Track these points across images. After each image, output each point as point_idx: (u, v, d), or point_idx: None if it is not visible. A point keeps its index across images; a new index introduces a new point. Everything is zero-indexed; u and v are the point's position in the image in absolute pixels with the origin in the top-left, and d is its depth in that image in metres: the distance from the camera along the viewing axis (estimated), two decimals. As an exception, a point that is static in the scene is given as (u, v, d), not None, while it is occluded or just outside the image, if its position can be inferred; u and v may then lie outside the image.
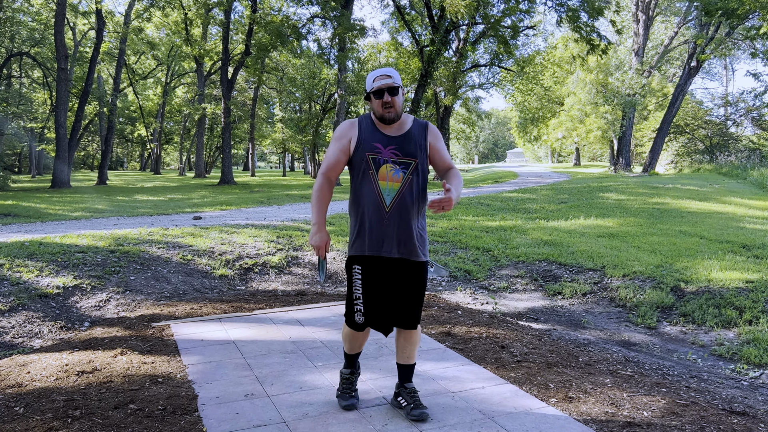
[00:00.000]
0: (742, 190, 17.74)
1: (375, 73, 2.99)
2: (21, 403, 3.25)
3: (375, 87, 2.93)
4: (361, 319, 3.02)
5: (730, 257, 7.50)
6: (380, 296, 3.00)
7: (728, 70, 52.17)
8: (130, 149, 66.23)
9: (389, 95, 2.92)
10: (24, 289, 5.57)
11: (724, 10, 21.76)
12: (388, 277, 2.98)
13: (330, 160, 3.03)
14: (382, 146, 2.95)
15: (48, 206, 14.79)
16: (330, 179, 3.05)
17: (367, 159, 2.93)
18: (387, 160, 2.92)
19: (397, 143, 2.95)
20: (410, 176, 2.93)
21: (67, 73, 23.97)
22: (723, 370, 4.42)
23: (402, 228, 2.92)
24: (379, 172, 2.92)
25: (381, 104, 2.93)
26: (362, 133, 2.98)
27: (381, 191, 2.91)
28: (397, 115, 2.95)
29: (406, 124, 3.03)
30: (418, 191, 2.96)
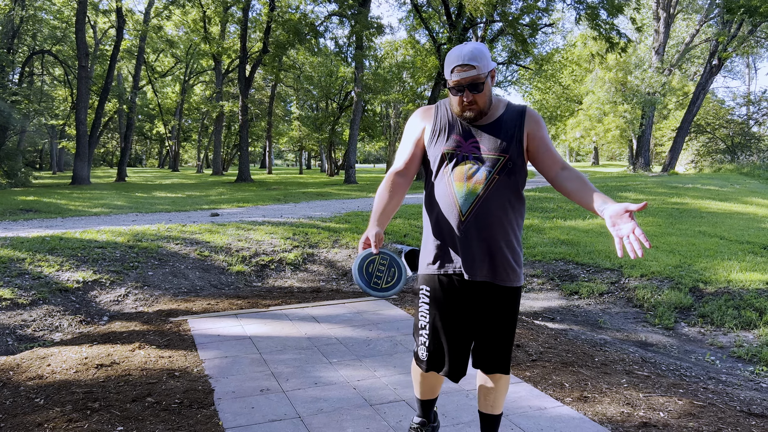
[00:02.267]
0: (764, 191, 17.47)
1: (453, 58, 2.22)
2: (41, 395, 3.31)
3: (452, 81, 2.23)
4: (425, 354, 2.37)
5: (751, 258, 7.40)
6: (453, 329, 2.33)
7: (751, 68, 51.36)
8: (148, 146, 66.89)
9: (471, 93, 2.22)
10: (45, 284, 5.66)
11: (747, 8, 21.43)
12: (464, 304, 2.33)
13: (400, 154, 2.42)
14: (462, 138, 2.30)
15: (68, 202, 15.00)
16: (400, 177, 2.34)
17: (442, 154, 2.30)
18: (467, 156, 2.27)
19: (482, 135, 2.30)
20: (497, 176, 2.24)
21: (88, 71, 24.27)
22: (742, 372, 4.36)
23: (483, 243, 2.26)
24: (455, 170, 2.28)
25: (460, 101, 2.26)
26: (438, 122, 2.36)
27: (456, 195, 2.26)
28: (480, 113, 2.27)
29: (496, 110, 2.34)
30: (509, 196, 2.27)
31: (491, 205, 2.25)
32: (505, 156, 2.25)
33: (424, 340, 2.37)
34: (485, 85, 2.22)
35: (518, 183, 2.29)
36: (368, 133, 40.38)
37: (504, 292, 2.31)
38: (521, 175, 2.29)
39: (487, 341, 2.35)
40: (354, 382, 3.56)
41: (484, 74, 2.20)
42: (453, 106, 2.30)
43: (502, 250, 2.27)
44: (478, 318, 2.34)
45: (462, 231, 2.26)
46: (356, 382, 3.54)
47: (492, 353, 2.36)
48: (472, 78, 2.19)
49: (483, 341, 2.36)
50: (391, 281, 2.19)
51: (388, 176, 2.34)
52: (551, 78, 37.88)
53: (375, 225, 2.20)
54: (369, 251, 2.16)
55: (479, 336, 2.36)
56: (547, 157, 2.30)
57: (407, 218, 10.37)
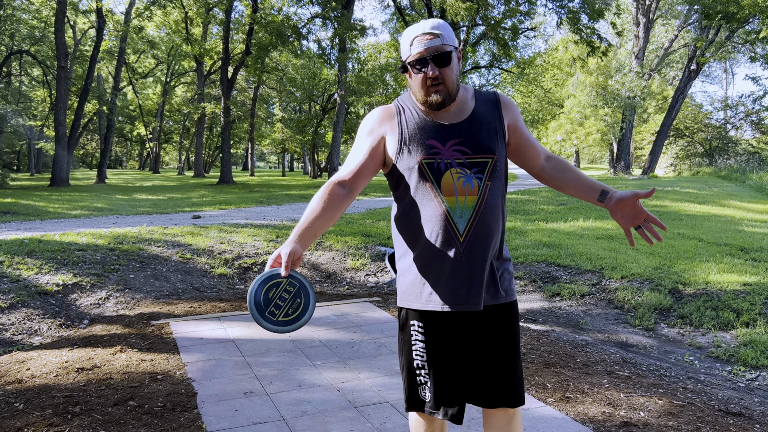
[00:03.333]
0: (741, 194, 17.78)
1: (412, 30, 1.86)
2: (21, 399, 3.26)
3: (413, 55, 1.82)
4: (428, 395, 1.95)
5: (728, 260, 7.52)
6: (455, 364, 1.95)
7: (728, 73, 52.28)
8: (129, 148, 66.22)
9: (435, 66, 1.80)
10: (24, 287, 5.58)
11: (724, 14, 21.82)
12: (465, 337, 1.94)
13: (348, 162, 1.97)
14: (438, 143, 1.87)
15: (47, 204, 14.80)
16: (343, 186, 1.91)
17: (420, 166, 1.86)
18: (451, 164, 1.85)
19: (462, 134, 1.87)
20: (489, 182, 1.86)
21: (67, 72, 23.99)
22: (720, 372, 4.43)
23: (485, 263, 1.87)
24: (442, 183, 1.85)
25: (422, 81, 1.83)
26: (405, 128, 1.91)
27: (450, 213, 1.85)
28: (449, 97, 1.84)
29: (465, 102, 1.92)
30: (501, 204, 1.93)
31: (489, 219, 1.87)
32: (493, 156, 1.88)
33: (424, 380, 1.96)
34: (452, 60, 1.83)
35: (504, 187, 1.96)
36: (351, 136, 40.36)
37: (503, 309, 1.96)
38: (504, 176, 1.97)
39: (495, 369, 1.93)
40: (338, 384, 3.56)
41: (450, 46, 1.82)
42: (415, 93, 1.88)
43: (504, 266, 1.98)
44: (478, 347, 1.94)
45: (462, 255, 1.85)
46: (340, 384, 3.55)
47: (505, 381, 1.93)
48: (437, 47, 1.80)
49: (490, 371, 1.94)
50: (292, 314, 1.72)
51: (328, 185, 1.89)
52: (533, 82, 38.20)
53: (294, 241, 1.75)
54: (276, 272, 1.71)
55: (480, 366, 1.94)
56: (530, 149, 2.00)
57: (390, 220, 10.39)
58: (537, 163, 2.02)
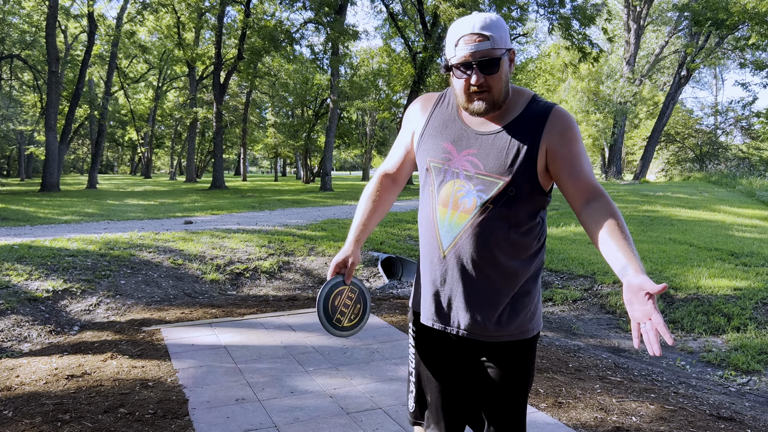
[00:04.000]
0: (732, 199, 17.90)
1: (460, 27, 1.63)
2: (10, 407, 3.23)
3: (457, 57, 1.62)
4: (412, 405, 1.92)
5: (719, 265, 7.56)
6: (438, 379, 1.84)
7: (718, 79, 52.66)
8: (120, 153, 65.96)
9: (481, 73, 1.60)
10: (13, 293, 5.53)
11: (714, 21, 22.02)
12: (451, 359, 1.83)
13: (392, 153, 1.95)
14: (454, 147, 1.71)
15: (37, 210, 14.70)
16: (388, 182, 1.93)
17: (428, 167, 1.76)
18: (457, 173, 1.69)
19: (483, 145, 1.68)
20: (490, 205, 1.65)
21: (58, 76, 23.88)
22: (711, 377, 4.45)
23: (468, 288, 1.71)
24: (441, 191, 1.72)
25: (466, 86, 1.64)
26: (432, 120, 1.79)
27: (438, 224, 1.72)
28: (493, 105, 1.65)
29: (512, 109, 1.70)
30: (506, 233, 1.67)
31: (479, 243, 1.67)
32: (506, 180, 1.64)
33: (411, 388, 1.92)
34: (501, 66, 1.62)
35: (523, 217, 1.68)
36: (344, 141, 40.42)
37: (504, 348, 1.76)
38: (530, 205, 1.68)
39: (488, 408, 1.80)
40: (330, 390, 3.54)
41: (501, 50, 1.61)
42: (457, 96, 1.70)
43: (495, 300, 1.71)
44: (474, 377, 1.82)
45: (442, 271, 1.74)
46: (333, 391, 3.53)
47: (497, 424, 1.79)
48: (484, 52, 1.58)
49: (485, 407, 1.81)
50: (354, 320, 1.82)
51: (376, 178, 1.92)
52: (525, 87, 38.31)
53: (352, 244, 1.80)
54: (339, 280, 1.77)
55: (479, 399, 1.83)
56: (570, 181, 1.64)
57: (383, 226, 10.38)
58: (577, 201, 1.65)
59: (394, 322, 5.17)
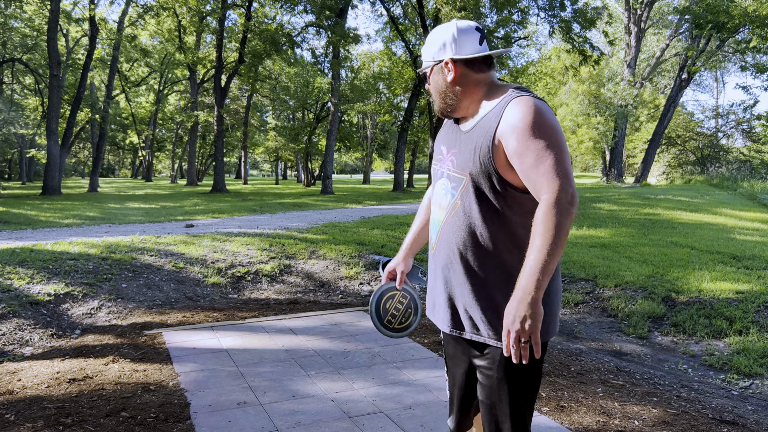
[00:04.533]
0: (733, 202, 17.88)
1: None
2: (12, 411, 3.23)
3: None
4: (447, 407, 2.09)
5: (721, 268, 7.55)
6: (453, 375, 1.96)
7: (719, 82, 52.68)
8: (121, 156, 66.05)
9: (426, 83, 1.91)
10: (14, 297, 5.53)
11: (715, 24, 22.02)
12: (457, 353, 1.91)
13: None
14: (446, 149, 1.87)
15: (39, 213, 14.71)
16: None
17: (431, 170, 1.98)
18: (443, 173, 1.85)
19: (461, 143, 1.80)
20: (459, 202, 1.75)
21: (60, 80, 23.92)
22: (713, 380, 4.44)
23: (447, 282, 1.80)
24: (435, 191, 1.90)
25: None
26: (442, 129, 1.99)
27: (431, 223, 1.90)
28: (444, 107, 1.84)
29: (487, 107, 1.76)
30: (477, 227, 1.70)
31: (451, 239, 1.76)
32: (466, 175, 1.72)
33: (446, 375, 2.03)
34: (429, 77, 1.87)
35: (491, 213, 1.69)
36: (345, 144, 40.45)
37: (477, 348, 1.78)
38: (499, 200, 1.68)
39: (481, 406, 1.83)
40: (332, 394, 3.54)
41: (428, 64, 1.85)
42: None
43: (470, 298, 1.73)
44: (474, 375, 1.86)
45: (432, 267, 1.88)
46: (334, 395, 3.53)
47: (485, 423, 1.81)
48: (420, 70, 1.92)
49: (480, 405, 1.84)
50: (405, 322, 2.00)
51: (425, 198, 2.10)
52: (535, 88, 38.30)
53: (405, 255, 2.03)
54: (392, 285, 1.96)
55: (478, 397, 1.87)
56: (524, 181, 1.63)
57: (384, 229, 10.38)
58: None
59: (396, 325, 5.16)
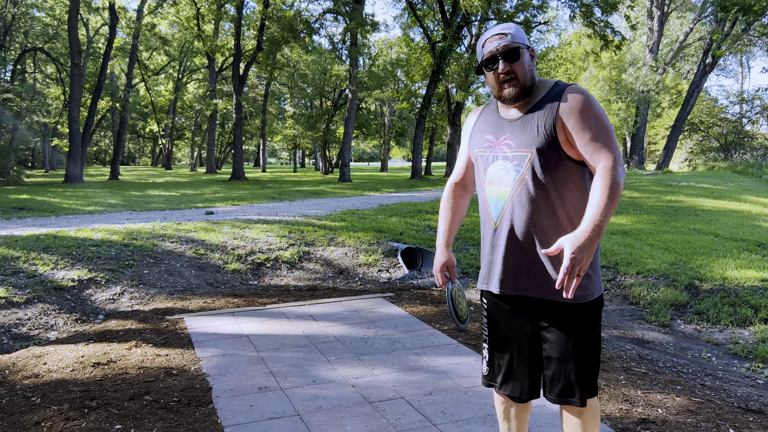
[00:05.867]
0: (758, 189, 17.56)
1: (484, 36, 2.04)
2: (38, 394, 3.29)
3: (485, 54, 2.00)
4: (486, 369, 2.23)
5: (746, 255, 7.43)
6: (509, 344, 2.14)
7: (744, 67, 51.61)
8: (141, 145, 66.65)
9: (505, 62, 1.96)
10: (40, 282, 5.62)
11: (741, 6, 21.51)
12: (519, 319, 2.11)
13: (457, 162, 2.32)
14: (494, 137, 2.07)
15: (62, 200, 14.92)
16: (458, 189, 2.30)
17: (476, 158, 2.14)
18: (496, 156, 2.05)
19: (513, 129, 2.02)
20: (525, 176, 1.97)
21: (80, 69, 24.14)
22: (738, 369, 4.38)
23: (517, 253, 2.02)
24: (487, 174, 2.08)
25: (495, 78, 2.00)
26: (477, 123, 2.16)
27: (488, 202, 2.08)
28: (523, 90, 1.99)
29: (537, 96, 2.02)
30: (546, 198, 1.96)
31: (522, 210, 1.98)
32: (532, 151, 1.95)
33: (485, 354, 2.23)
34: (522, 56, 1.97)
35: (557, 183, 1.95)
36: (363, 132, 40.40)
37: (559, 308, 2.01)
38: (562, 172, 1.95)
39: (547, 364, 2.07)
40: (352, 380, 3.55)
41: (519, 43, 1.97)
42: (493, 90, 2.05)
43: (541, 262, 1.99)
44: (540, 336, 2.08)
45: (496, 241, 2.06)
46: (355, 380, 3.54)
47: (557, 376, 2.04)
48: (505, 45, 1.96)
49: (546, 364, 2.09)
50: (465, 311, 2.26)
51: (447, 189, 2.31)
52: (546, 76, 37.92)
53: (444, 250, 2.22)
54: (454, 285, 2.19)
55: (543, 358, 2.10)
56: (583, 153, 1.91)
57: (403, 216, 10.37)
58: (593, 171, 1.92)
59: (415, 312, 5.16)
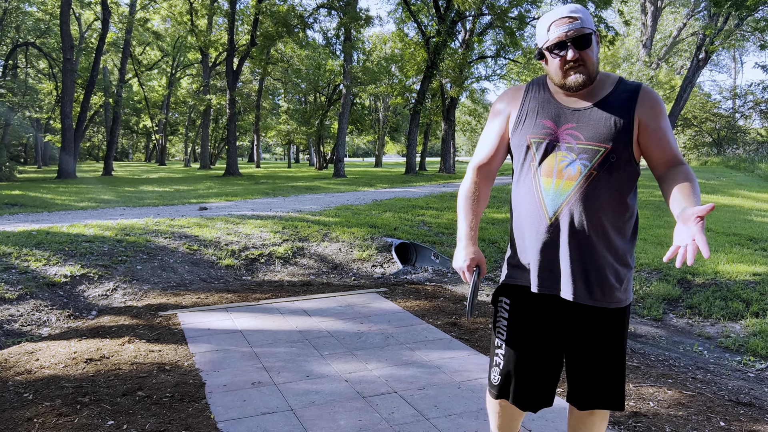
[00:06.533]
0: (750, 183, 17.66)
1: (551, 15, 1.84)
2: (30, 390, 3.28)
3: (552, 39, 1.81)
4: (497, 377, 2.02)
5: (738, 250, 7.47)
6: (535, 351, 1.96)
7: (737, 62, 51.80)
8: (135, 140, 66.32)
9: (575, 49, 1.79)
10: (32, 278, 5.60)
11: (733, 1, 21.55)
12: (551, 323, 1.95)
13: (481, 148, 2.06)
14: (553, 124, 1.87)
15: (54, 196, 14.85)
16: (483, 174, 2.04)
17: (528, 144, 1.90)
18: (558, 146, 1.85)
19: (580, 119, 1.85)
20: (594, 171, 1.81)
21: (73, 64, 23.99)
22: (729, 362, 4.41)
23: (575, 253, 1.85)
24: (543, 163, 1.86)
25: (562, 64, 1.82)
26: (527, 104, 1.95)
27: (543, 193, 1.86)
28: (589, 78, 1.83)
29: (602, 88, 1.88)
30: (609, 198, 1.83)
31: (586, 208, 1.82)
32: (607, 147, 1.80)
33: (498, 361, 2.01)
34: (593, 41, 1.81)
35: (623, 183, 1.84)
36: (357, 127, 40.35)
37: (603, 314, 1.90)
38: (627, 172, 1.84)
39: (582, 371, 1.95)
40: (346, 374, 3.56)
41: (590, 28, 1.80)
42: (553, 77, 1.87)
43: (599, 264, 1.85)
44: (571, 343, 1.95)
45: (549, 238, 1.86)
46: (348, 375, 3.54)
47: (588, 385, 1.95)
48: (577, 30, 1.77)
49: (578, 371, 1.96)
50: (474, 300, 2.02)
51: (470, 175, 2.04)
52: (540, 71, 37.95)
53: (472, 245, 1.91)
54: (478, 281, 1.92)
55: (574, 365, 1.97)
56: (656, 150, 1.83)
57: (397, 211, 10.37)
58: (659, 167, 1.86)
59: (409, 307, 5.17)
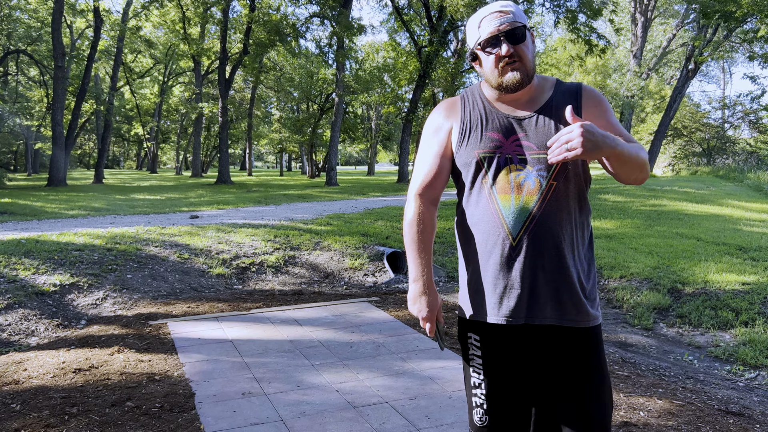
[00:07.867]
0: (739, 193, 17.79)
1: (480, 13, 1.71)
2: (18, 401, 3.24)
3: (485, 35, 1.67)
4: (483, 419, 1.81)
5: (727, 259, 7.52)
6: (515, 387, 1.78)
7: (726, 73, 52.36)
8: (126, 148, 66.10)
9: (509, 44, 1.66)
10: (20, 287, 5.55)
11: (722, 13, 21.81)
12: (527, 355, 1.77)
13: (422, 171, 1.83)
14: (501, 135, 1.72)
15: (44, 204, 14.75)
16: (427, 201, 1.82)
17: (477, 160, 1.73)
18: (511, 159, 1.70)
19: (528, 128, 1.71)
20: (554, 182, 1.68)
21: (64, 71, 23.92)
22: (719, 371, 4.43)
23: (544, 273, 1.69)
24: (498, 180, 1.71)
25: (497, 61, 1.68)
26: (467, 117, 1.78)
27: (503, 213, 1.69)
28: (527, 76, 1.69)
29: (542, 93, 1.76)
30: (572, 208, 1.72)
31: (552, 222, 1.67)
32: None
33: (480, 401, 1.82)
34: (527, 36, 1.69)
35: (582, 189, 1.74)
36: (349, 135, 40.35)
37: (577, 334, 1.72)
38: (584, 176, 1.75)
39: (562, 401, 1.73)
40: (337, 384, 3.54)
41: (525, 23, 1.68)
42: (488, 78, 1.73)
43: (570, 281, 1.69)
44: (548, 372, 1.75)
45: (514, 259, 1.69)
46: (339, 385, 3.53)
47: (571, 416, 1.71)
48: (510, 23, 1.65)
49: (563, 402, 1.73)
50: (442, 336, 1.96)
51: (413, 204, 1.82)
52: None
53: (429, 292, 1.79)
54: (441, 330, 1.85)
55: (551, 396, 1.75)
56: None
57: (389, 220, 10.37)
58: None
59: (400, 316, 5.17)
